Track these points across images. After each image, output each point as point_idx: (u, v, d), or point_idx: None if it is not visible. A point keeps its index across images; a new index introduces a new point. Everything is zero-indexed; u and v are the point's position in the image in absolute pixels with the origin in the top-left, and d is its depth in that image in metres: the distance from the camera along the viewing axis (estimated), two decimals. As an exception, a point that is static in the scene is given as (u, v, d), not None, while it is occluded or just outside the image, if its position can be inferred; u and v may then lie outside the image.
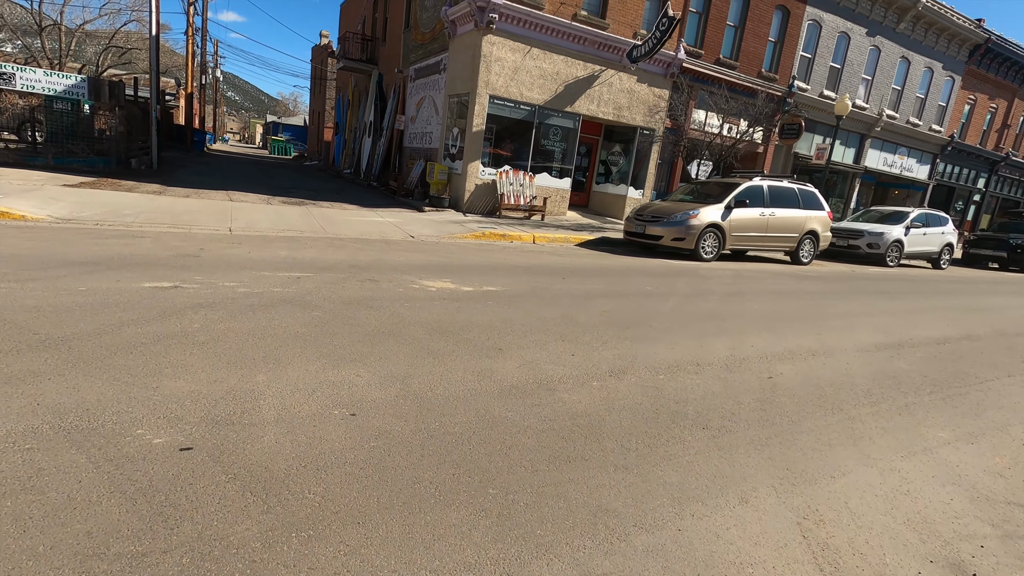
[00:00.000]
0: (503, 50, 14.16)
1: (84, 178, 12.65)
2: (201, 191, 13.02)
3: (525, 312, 5.18)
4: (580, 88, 15.45)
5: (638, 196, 17.49)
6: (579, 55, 15.19)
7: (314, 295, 4.91)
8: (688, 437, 3.04)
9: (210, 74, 46.77)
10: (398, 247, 8.80)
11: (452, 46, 15.44)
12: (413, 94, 18.90)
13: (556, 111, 15.35)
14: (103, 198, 10.16)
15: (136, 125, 17.35)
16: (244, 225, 9.41)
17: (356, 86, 26.06)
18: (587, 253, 10.69)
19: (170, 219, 9.08)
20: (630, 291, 6.88)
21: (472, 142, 14.43)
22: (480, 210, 14.92)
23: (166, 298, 4.32)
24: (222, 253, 6.53)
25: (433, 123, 17.05)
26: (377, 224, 11.37)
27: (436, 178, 15.12)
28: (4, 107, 14.38)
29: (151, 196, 11.17)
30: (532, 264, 8.31)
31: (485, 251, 9.42)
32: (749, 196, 11.57)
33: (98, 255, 5.64)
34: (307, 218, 11.03)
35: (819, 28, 19.57)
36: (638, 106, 16.56)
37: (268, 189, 15.40)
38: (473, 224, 12.68)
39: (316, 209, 12.47)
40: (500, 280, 6.62)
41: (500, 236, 11.60)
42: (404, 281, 5.93)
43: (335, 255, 7.23)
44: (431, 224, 12.12)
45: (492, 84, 14.21)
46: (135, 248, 6.29)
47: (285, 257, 6.66)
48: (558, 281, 6.99)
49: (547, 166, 15.74)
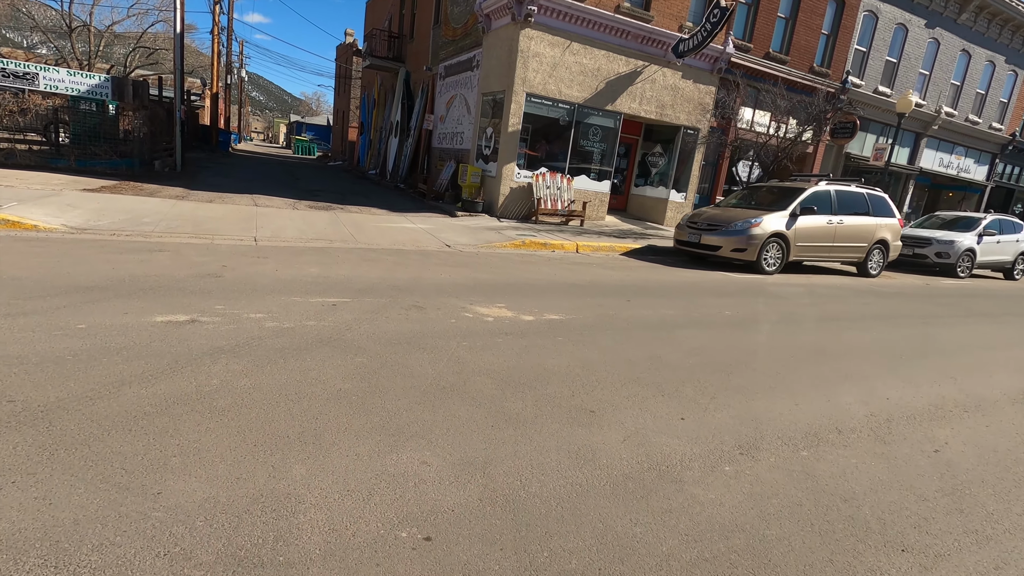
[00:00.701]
0: (541, 45, 13.29)
1: (106, 181, 12.15)
2: (225, 195, 12.42)
3: (603, 351, 4.32)
4: (621, 85, 14.51)
5: (680, 200, 16.47)
6: (621, 50, 14.25)
7: (354, 330, 4.11)
8: (888, 567, 2.15)
9: (235, 74, 46.85)
10: (436, 260, 8.00)
11: (486, 41, 14.63)
12: (443, 92, 18.14)
13: (596, 110, 14.43)
14: (123, 204, 9.58)
15: (160, 126, 16.92)
16: (270, 234, 8.73)
17: (382, 85, 25.44)
18: (638, 265, 9.77)
19: (192, 228, 8.43)
20: (709, 317, 5.97)
21: (507, 143, 13.60)
22: (515, 215, 14.08)
23: (180, 339, 3.57)
24: (247, 271, 5.80)
25: (464, 123, 16.26)
26: (410, 232, 10.62)
27: (469, 181, 14.32)
28: (27, 108, 13.98)
29: (173, 201, 10.58)
30: (586, 281, 7.43)
31: (530, 263, 8.58)
32: (816, 202, 10.52)
33: (108, 276, 4.94)
34: (336, 225, 10.33)
35: (875, 20, 18.28)
36: (682, 104, 15.54)
37: (293, 192, 14.79)
38: (510, 231, 11.85)
39: (344, 215, 11.78)
40: (559, 303, 5.77)
41: (541, 245, 10.75)
42: (454, 307, 5.12)
43: (371, 272, 6.46)
44: (466, 231, 11.33)
45: (529, 81, 13.35)
46: (151, 266, 5.59)
47: (316, 276, 5.91)
48: (623, 304, 6.11)
49: (585, 168, 14.84)
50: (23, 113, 14.05)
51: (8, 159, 12.96)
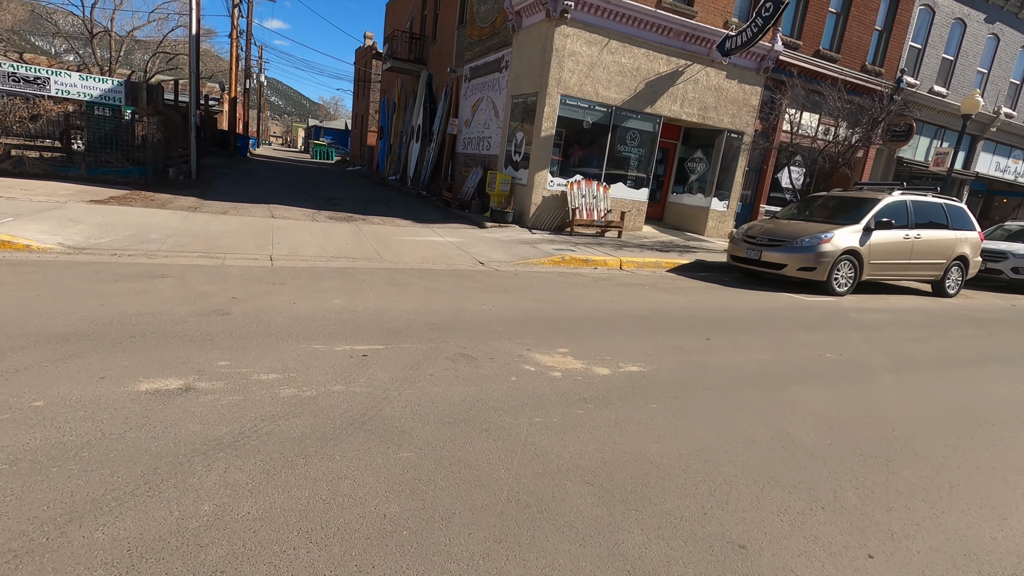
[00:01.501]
0: (578, 43, 12.34)
1: (116, 191, 11.46)
2: (240, 205, 11.65)
3: (713, 426, 3.33)
4: (662, 86, 13.49)
5: (722, 208, 15.37)
6: (662, 48, 13.23)
7: (394, 400, 3.18)
8: None
9: (254, 79, 46.68)
10: (473, 282, 7.07)
11: (516, 40, 13.72)
12: (468, 95, 17.27)
13: (635, 112, 13.43)
14: (130, 217, 8.82)
15: (175, 131, 16.30)
16: (287, 252, 7.88)
17: (403, 88, 24.69)
18: (694, 286, 8.74)
19: (202, 245, 7.62)
20: (810, 363, 4.94)
21: (540, 148, 12.66)
22: (547, 225, 13.12)
23: (166, 423, 2.66)
24: (259, 304, 4.92)
25: (492, 127, 15.36)
26: (438, 246, 9.72)
27: (498, 189, 13.40)
28: (39, 114, 13.40)
29: (185, 214, 9.81)
30: (647, 309, 6.44)
31: (576, 286, 7.61)
32: (891, 215, 9.38)
33: (93, 317, 4.08)
34: (358, 239, 9.47)
35: (931, 15, 17.01)
36: (726, 106, 14.46)
37: (312, 201, 14.01)
38: (546, 245, 10.88)
39: (367, 226, 10.93)
40: (630, 345, 4.79)
41: (582, 261, 9.77)
42: (509, 356, 4.17)
43: (402, 302, 5.54)
44: (498, 245, 10.39)
45: (564, 82, 12.40)
46: (148, 299, 4.73)
47: (341, 310, 5.00)
48: (704, 345, 5.11)
49: (621, 175, 13.83)
50: (34, 119, 13.47)
51: (16, 167, 12.35)
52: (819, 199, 10.98)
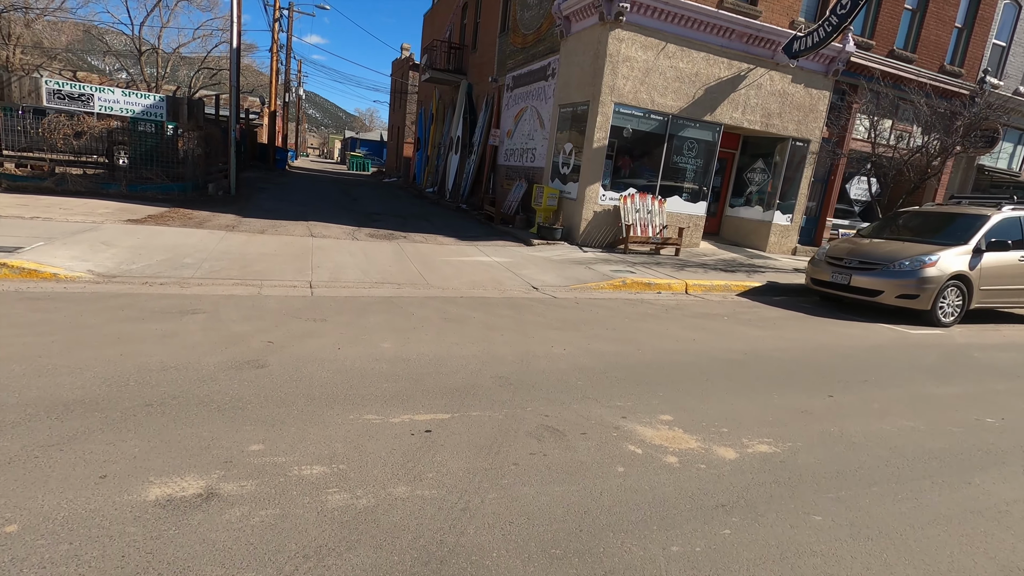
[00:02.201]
0: (633, 48, 11.50)
1: (155, 208, 11.16)
2: (279, 223, 11.19)
3: (916, 560, 2.42)
4: (723, 92, 12.52)
5: (785, 222, 14.22)
6: (723, 51, 12.27)
7: (476, 515, 2.38)
8: None
9: (293, 92, 47.40)
10: (533, 313, 6.27)
11: (565, 47, 12.98)
12: (510, 105, 16.61)
13: (693, 121, 12.48)
14: (165, 239, 8.38)
15: (216, 146, 16.14)
16: (328, 276, 7.26)
17: (441, 99, 24.27)
18: (776, 315, 7.73)
19: (238, 270, 7.06)
20: (969, 430, 3.94)
21: (591, 160, 11.83)
22: (598, 242, 12.26)
23: (174, 562, 1.93)
24: (299, 352, 4.23)
25: (537, 138, 14.63)
26: (486, 268, 8.98)
27: (545, 204, 12.63)
28: (82, 130, 13.32)
29: (222, 234, 9.34)
30: (739, 351, 5.51)
31: (646, 317, 6.73)
32: (1006, 233, 8.19)
33: (107, 376, 3.44)
34: (401, 260, 8.81)
35: (1017, 9, 15.53)
36: (791, 112, 13.37)
37: (351, 216, 13.51)
38: (601, 265, 10.02)
39: (409, 245, 10.29)
40: (742, 408, 3.90)
41: (645, 285, 8.87)
42: (604, 429, 3.34)
43: (461, 344, 4.78)
44: (550, 266, 9.58)
45: (618, 89, 11.57)
46: (174, 345, 4.10)
47: (393, 358, 4.27)
48: (832, 407, 4.17)
49: (677, 187, 12.87)
50: (78, 136, 13.41)
51: (59, 185, 12.22)
52: (906, 215, 9.81)
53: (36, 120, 13.12)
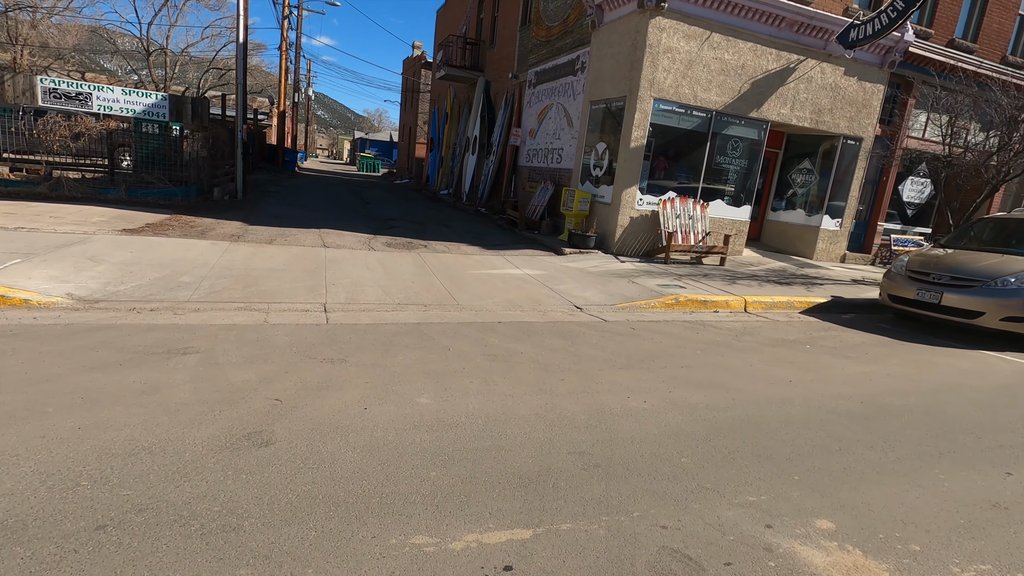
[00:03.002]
0: (675, 37, 10.46)
1: (155, 215, 10.28)
2: (288, 231, 10.27)
3: None
4: (770, 86, 11.44)
5: (834, 227, 13.11)
6: (771, 41, 11.20)
7: None
8: None
9: (303, 93, 46.69)
10: (588, 345, 5.28)
11: (596, 38, 11.96)
12: (533, 103, 15.61)
13: (738, 117, 11.42)
14: (162, 253, 7.46)
15: (222, 148, 15.28)
16: (345, 296, 6.31)
17: (455, 97, 23.31)
18: (863, 341, 6.67)
19: (242, 290, 6.12)
20: None
21: (628, 161, 10.81)
22: (635, 251, 11.23)
23: None
24: (314, 414, 3.26)
25: (564, 137, 13.62)
26: (518, 282, 7.98)
27: (576, 209, 11.62)
28: (80, 132, 12.49)
29: (226, 245, 8.43)
30: (851, 396, 4.48)
31: (719, 347, 5.71)
32: (1124, 245, 7.09)
33: (46, 476, 2.49)
34: (424, 274, 7.84)
35: (1084, -6, 14.29)
36: (842, 107, 12.26)
37: (366, 223, 12.57)
38: (644, 278, 8.99)
39: (431, 256, 9.32)
40: (913, 502, 2.89)
41: (700, 303, 7.84)
42: (751, 554, 2.34)
43: (516, 398, 3.80)
44: (588, 279, 8.56)
45: (658, 83, 10.53)
46: (153, 407, 3.15)
47: (435, 423, 3.29)
48: (1012, 486, 3.15)
49: (718, 190, 11.82)
50: (75, 138, 12.58)
51: (54, 191, 11.38)
52: (991, 223, 8.72)
53: (32, 121, 12.32)
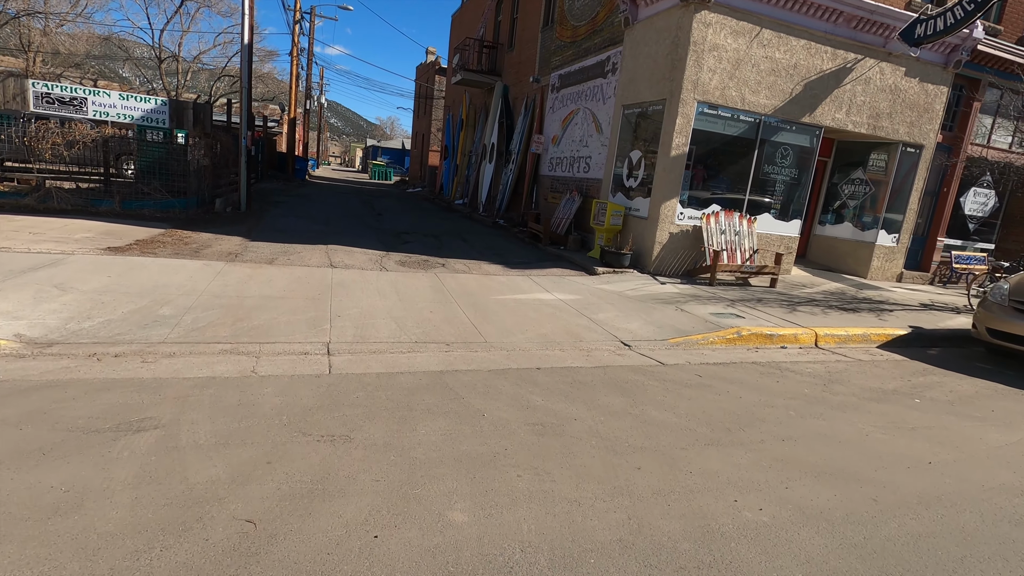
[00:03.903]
0: (722, 34, 9.40)
1: (148, 230, 9.37)
2: (292, 248, 9.30)
3: None
4: (825, 88, 10.33)
5: (890, 243, 11.90)
6: (827, 38, 10.10)
7: None
8: None
9: (315, 100, 46.18)
10: (653, 403, 4.18)
11: (630, 37, 10.93)
12: (556, 108, 14.61)
13: (789, 123, 10.31)
14: (145, 277, 6.49)
15: (227, 156, 14.43)
16: (353, 333, 5.28)
17: (471, 103, 22.41)
18: (977, 390, 5.51)
19: (231, 326, 5.11)
20: None
21: (667, 171, 9.73)
22: (674, 270, 10.13)
23: None
24: (298, 553, 2.21)
25: (592, 144, 12.58)
26: (551, 310, 6.91)
27: (608, 223, 10.55)
28: (74, 139, 11.67)
29: (220, 266, 7.46)
30: (1017, 488, 3.36)
31: (814, 403, 4.59)
32: None
33: None
34: (444, 301, 6.80)
35: None
36: (902, 111, 11.10)
37: (377, 237, 11.60)
38: (693, 304, 7.87)
39: (450, 277, 8.29)
40: None
41: (765, 338, 6.71)
42: None
43: (582, 504, 2.73)
44: (630, 306, 7.46)
45: (703, 85, 9.47)
46: (65, 532, 2.12)
47: (473, 562, 2.23)
48: None
49: (766, 203, 10.69)
50: (69, 145, 11.76)
51: (43, 202, 10.53)
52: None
53: (23, 127, 11.53)
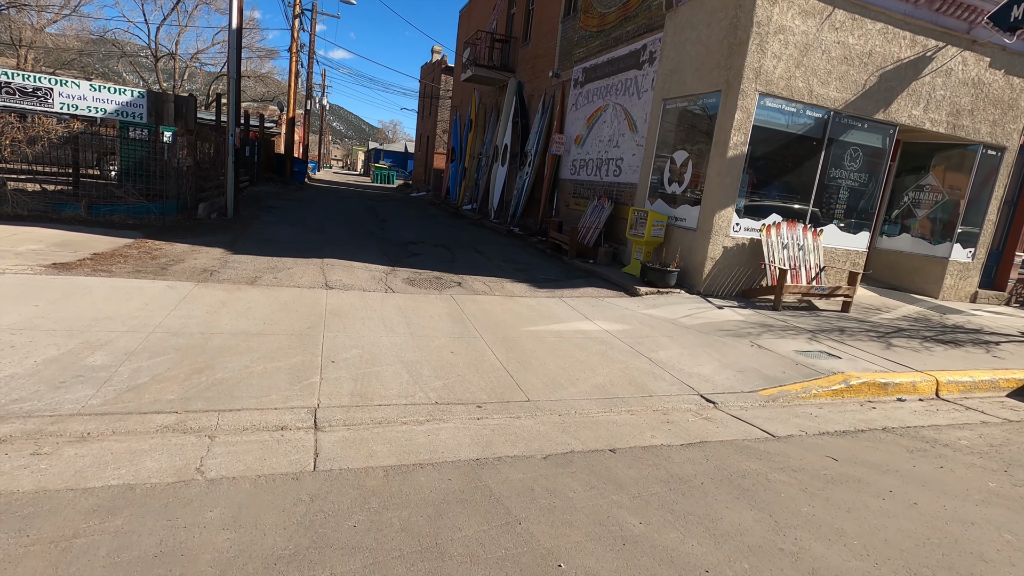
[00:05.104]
0: (790, 14, 7.99)
1: (113, 240, 7.94)
2: (281, 262, 7.85)
3: None
4: (901, 79, 8.91)
5: (965, 259, 10.45)
6: (905, 22, 8.69)
7: None
8: None
9: (316, 101, 44.86)
10: (787, 513, 2.71)
11: (673, 21, 9.53)
12: (581, 104, 13.20)
13: (860, 120, 8.89)
14: (84, 305, 5.04)
15: (216, 156, 13.05)
16: (350, 389, 3.82)
17: (481, 102, 21.03)
18: None
19: (182, 382, 3.64)
20: None
21: (722, 175, 8.29)
22: (727, 289, 8.68)
23: None
24: None
25: (624, 144, 11.16)
26: (600, 347, 5.44)
27: (649, 234, 9.11)
28: (37, 135, 10.27)
29: (188, 288, 6.01)
30: None
31: (1013, 509, 3.15)
32: None
33: None
34: (467, 336, 5.33)
35: None
36: (985, 109, 9.68)
37: (380, 248, 10.16)
38: (767, 337, 6.40)
39: (469, 301, 6.84)
40: None
41: (879, 388, 5.26)
42: None
43: None
44: (691, 339, 5.99)
45: (766, 73, 8.05)
46: None
47: None
48: None
49: (829, 212, 9.27)
50: (32, 142, 10.36)
51: (-6, 206, 9.13)
52: None
53: (-18, 121, 10.12)
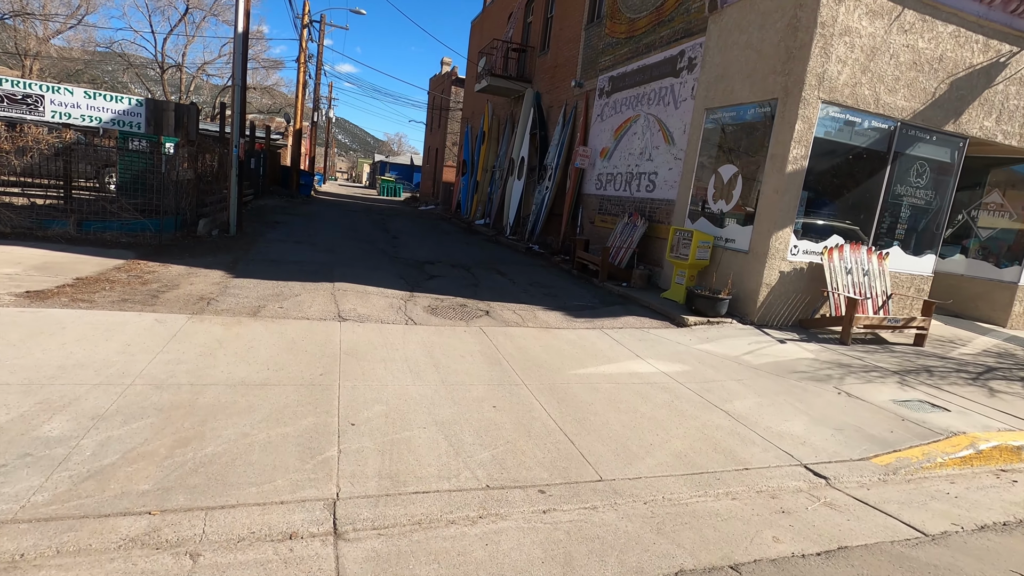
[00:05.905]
0: (856, 14, 7.18)
1: (102, 261, 7.11)
2: (287, 288, 6.99)
3: None
4: (973, 87, 8.08)
5: (1035, 283, 9.55)
6: (978, 24, 7.88)
7: None
8: None
9: (323, 113, 44.45)
10: None
11: (717, 23, 8.74)
12: (607, 115, 12.41)
13: (929, 131, 8.05)
14: (51, 349, 4.17)
15: (219, 169, 12.30)
16: (377, 469, 2.89)
17: (494, 114, 20.33)
18: None
19: (161, 462, 2.71)
20: None
21: (779, 192, 7.43)
22: (783, 318, 7.77)
23: None
24: None
25: (659, 158, 10.34)
26: (662, 395, 4.52)
27: (693, 257, 8.24)
28: (26, 145, 9.50)
29: (180, 323, 5.14)
30: None
31: None
32: None
33: None
34: (507, 383, 4.41)
35: None
36: (1059, 120, 8.83)
37: (395, 269, 9.31)
38: (849, 380, 5.48)
39: (502, 335, 5.95)
40: None
41: (1012, 453, 4.33)
42: None
43: None
44: (765, 383, 5.07)
45: (830, 80, 7.22)
46: None
47: None
48: None
49: (892, 232, 8.39)
50: (21, 153, 9.59)
51: (-26, 224, 8.33)
52: None
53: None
